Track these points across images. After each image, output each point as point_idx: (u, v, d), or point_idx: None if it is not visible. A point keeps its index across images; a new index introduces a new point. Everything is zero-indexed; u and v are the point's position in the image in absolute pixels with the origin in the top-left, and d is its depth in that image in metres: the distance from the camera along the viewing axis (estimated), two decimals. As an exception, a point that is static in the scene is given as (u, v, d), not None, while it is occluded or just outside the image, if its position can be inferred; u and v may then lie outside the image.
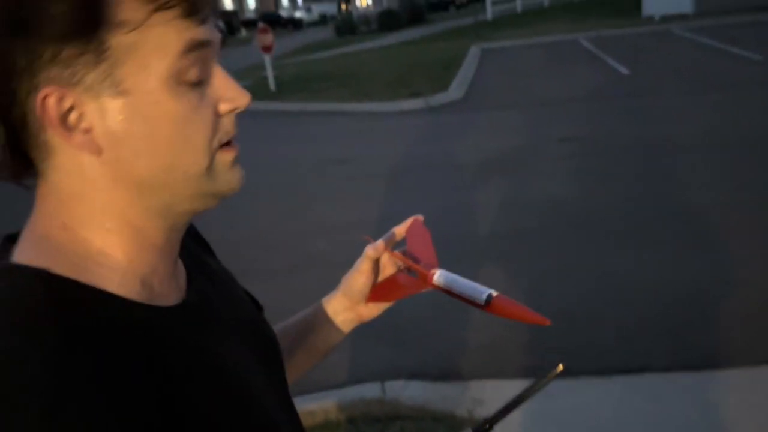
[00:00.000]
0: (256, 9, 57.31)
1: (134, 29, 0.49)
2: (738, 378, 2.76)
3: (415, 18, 30.86)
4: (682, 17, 18.02)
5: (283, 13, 53.54)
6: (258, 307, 0.82)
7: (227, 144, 0.58)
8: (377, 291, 0.86)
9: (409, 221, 0.90)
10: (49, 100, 0.50)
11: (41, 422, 0.44)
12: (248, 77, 15.34)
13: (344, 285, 0.88)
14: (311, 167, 7.34)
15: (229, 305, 0.71)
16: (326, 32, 33.22)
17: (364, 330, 0.97)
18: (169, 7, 0.50)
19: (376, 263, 0.86)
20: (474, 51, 16.55)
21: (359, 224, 5.24)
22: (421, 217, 0.90)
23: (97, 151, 0.53)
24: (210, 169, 0.56)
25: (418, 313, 3.37)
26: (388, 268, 0.89)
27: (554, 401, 2.66)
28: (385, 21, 29.31)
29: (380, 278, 0.88)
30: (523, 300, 0.70)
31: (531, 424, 2.52)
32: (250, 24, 41.07)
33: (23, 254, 0.54)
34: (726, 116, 7.31)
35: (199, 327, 0.62)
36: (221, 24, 0.61)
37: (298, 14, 55.37)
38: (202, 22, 0.53)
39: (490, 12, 27.51)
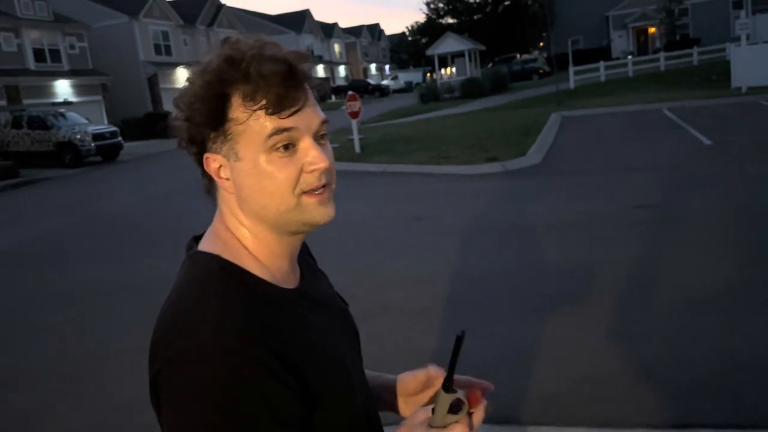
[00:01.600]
0: (346, 77, 60.07)
1: (242, 123, 0.83)
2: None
3: (498, 86, 31.48)
4: (773, 88, 17.61)
5: (371, 81, 55.88)
6: (345, 303, 1.14)
7: (314, 191, 0.86)
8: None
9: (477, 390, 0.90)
10: (209, 161, 0.87)
11: (215, 335, 0.78)
12: (336, 140, 16.21)
13: (401, 381, 1.09)
14: (391, 224, 7.76)
15: (327, 298, 1.06)
16: (411, 99, 34.44)
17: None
18: (261, 109, 0.82)
19: (430, 380, 1.04)
20: (554, 118, 16.80)
21: (431, 277, 5.55)
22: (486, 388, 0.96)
23: (233, 192, 0.88)
24: (298, 206, 0.86)
25: (484, 361, 3.60)
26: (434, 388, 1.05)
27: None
28: (468, 88, 30.10)
29: (425, 395, 1.06)
30: (584, 359, 0.92)
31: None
32: (339, 90, 43.08)
33: (205, 245, 0.92)
34: (811, 188, 7.19)
35: (308, 307, 0.93)
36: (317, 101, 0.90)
37: (385, 82, 57.63)
38: (288, 115, 0.83)
39: (572, 81, 27.73)
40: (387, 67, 76.20)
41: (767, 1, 34.49)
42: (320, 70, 56.29)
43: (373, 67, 72.45)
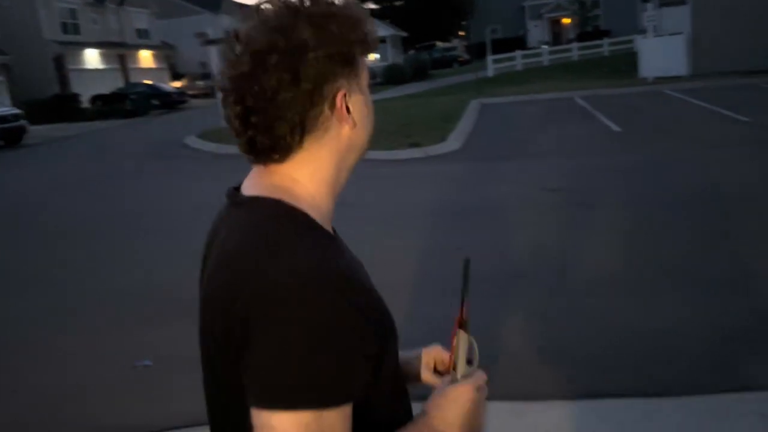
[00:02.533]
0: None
1: (360, 61, 0.90)
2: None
3: (420, 73, 31.83)
4: (676, 79, 18.70)
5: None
6: None
7: None
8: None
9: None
10: (339, 97, 0.87)
11: (313, 266, 0.79)
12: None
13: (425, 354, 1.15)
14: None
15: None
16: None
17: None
18: (370, 53, 0.93)
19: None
20: (473, 105, 17.15)
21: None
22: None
23: (353, 126, 0.91)
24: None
25: (404, 341, 3.64)
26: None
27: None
28: (390, 75, 30.24)
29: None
30: (500, 335, 0.95)
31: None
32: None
33: (262, 192, 0.88)
34: (710, 173, 7.68)
35: (345, 249, 0.95)
36: None
37: (306, 66, 56.72)
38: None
39: (491, 69, 28.41)
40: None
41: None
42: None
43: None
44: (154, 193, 9.60)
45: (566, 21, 43.65)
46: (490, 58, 28.85)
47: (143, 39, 38.88)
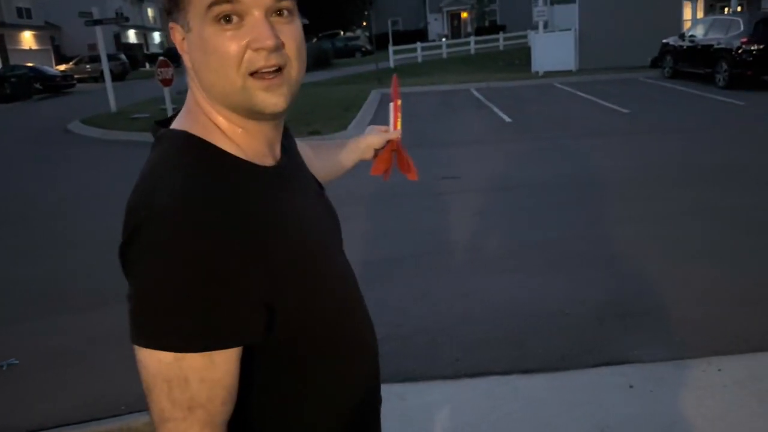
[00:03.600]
0: (161, 44, 56.42)
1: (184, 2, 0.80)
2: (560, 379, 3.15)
3: (322, 62, 31.53)
4: (565, 73, 19.66)
5: (190, 50, 52.86)
6: (321, 188, 1.07)
7: (263, 74, 0.80)
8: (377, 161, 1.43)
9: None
10: (173, 31, 0.84)
11: (178, 204, 0.75)
12: (147, 109, 15.17)
13: (363, 141, 1.42)
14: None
15: (306, 178, 1.01)
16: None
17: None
18: None
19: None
20: (374, 95, 17.22)
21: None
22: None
23: (191, 67, 0.84)
24: (243, 89, 0.80)
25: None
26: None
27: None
28: (292, 63, 29.72)
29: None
30: (386, 319, 0.89)
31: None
32: (154, 58, 40.36)
33: (175, 124, 0.86)
34: (592, 160, 8.12)
35: (283, 186, 0.89)
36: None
37: (204, 52, 54.78)
38: None
39: (392, 60, 28.66)
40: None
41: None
42: (132, 35, 52.24)
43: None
44: (31, 182, 8.94)
45: (465, 15, 44.75)
46: (391, 49, 29.09)
47: (24, 19, 36.09)
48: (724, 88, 14.13)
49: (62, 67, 32.71)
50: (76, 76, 29.78)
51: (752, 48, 13.58)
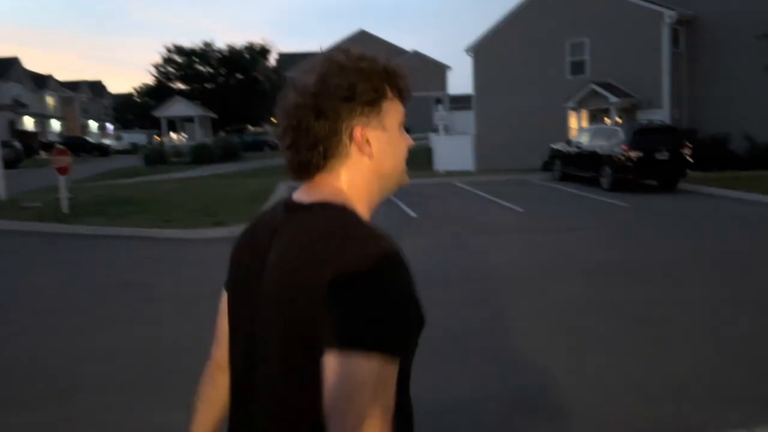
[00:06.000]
0: (61, 133, 54.66)
1: (391, 101, 1.15)
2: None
3: (229, 154, 31.58)
4: (465, 173, 20.72)
5: (91, 139, 51.60)
6: None
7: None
8: None
9: None
10: (357, 131, 1.12)
11: (391, 245, 1.06)
12: (39, 198, 14.44)
13: None
14: (97, 291, 7.00)
15: None
16: (136, 161, 32.52)
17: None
18: (402, 99, 1.18)
19: None
20: (282, 187, 17.31)
21: (138, 348, 5.09)
22: None
23: (371, 156, 1.14)
24: (402, 170, 1.20)
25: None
26: None
27: None
28: (198, 154, 29.59)
29: None
30: None
31: None
32: (50, 146, 38.90)
33: (325, 199, 1.11)
34: (491, 255, 8.44)
35: None
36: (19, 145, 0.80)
37: (106, 141, 53.68)
38: (406, 106, 1.19)
39: (301, 155, 29.18)
40: (110, 126, 71.35)
41: (462, 101, 40.88)
42: (28, 122, 50.38)
43: (94, 124, 67.27)
44: None
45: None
46: (299, 144, 29.65)
47: None
48: (609, 190, 15.36)
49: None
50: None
51: (632, 155, 14.98)
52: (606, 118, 21.52)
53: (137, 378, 4.42)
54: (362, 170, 1.13)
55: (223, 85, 48.67)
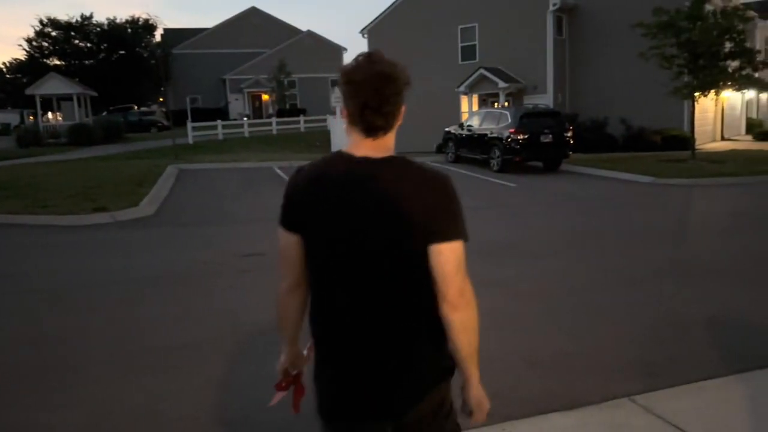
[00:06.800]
0: None
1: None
2: None
3: (113, 135, 29.76)
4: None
5: (-47, 118, 46.81)
6: None
7: None
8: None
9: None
10: (403, 108, 1.64)
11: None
12: None
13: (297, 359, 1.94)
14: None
15: None
16: (7, 142, 29.88)
17: None
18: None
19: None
20: (171, 170, 16.54)
21: (8, 345, 4.68)
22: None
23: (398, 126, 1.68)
24: None
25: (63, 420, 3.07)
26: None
27: None
28: (77, 135, 27.63)
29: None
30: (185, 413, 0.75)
31: None
32: None
33: (388, 153, 1.65)
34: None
35: None
36: None
37: (-29, 121, 48.91)
38: None
39: (191, 137, 28.02)
40: (-24, 104, 65.08)
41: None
42: None
43: (-44, 102, 61.10)
44: None
45: (266, 97, 45.62)
46: (190, 125, 28.47)
47: None
48: (498, 171, 15.93)
49: None
50: None
51: (519, 137, 15.59)
52: (495, 103, 22.28)
53: (10, 373, 4.05)
54: (394, 135, 1.65)
55: (104, 61, 45.70)
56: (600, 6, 21.79)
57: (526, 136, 15.58)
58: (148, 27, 48.13)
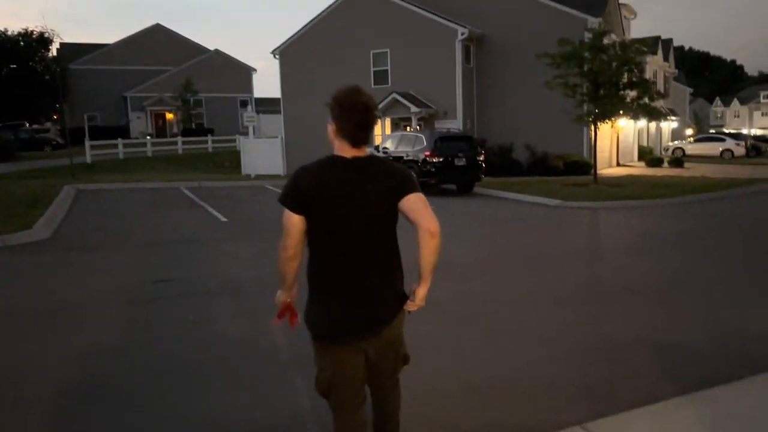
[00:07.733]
0: None
1: None
2: None
3: (2, 153, 27.59)
4: (275, 176, 20.27)
5: None
6: None
7: None
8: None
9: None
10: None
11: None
12: None
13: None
14: None
15: None
16: None
17: None
18: None
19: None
20: (67, 190, 15.44)
21: None
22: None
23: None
24: None
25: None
26: None
27: None
28: (-40, 153, 25.37)
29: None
30: None
31: None
32: None
33: (371, 153, 3.30)
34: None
35: None
36: None
37: None
38: None
39: (89, 156, 26.47)
40: None
41: (269, 104, 40.19)
42: None
43: None
44: None
45: (170, 116, 44.03)
46: (88, 144, 26.90)
47: None
48: (414, 194, 15.98)
49: None
50: None
51: (434, 160, 15.75)
52: (408, 126, 22.52)
53: None
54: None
55: (-6, 75, 42.57)
56: (506, 36, 22.65)
57: (441, 159, 15.76)
58: (44, 40, 45.34)
